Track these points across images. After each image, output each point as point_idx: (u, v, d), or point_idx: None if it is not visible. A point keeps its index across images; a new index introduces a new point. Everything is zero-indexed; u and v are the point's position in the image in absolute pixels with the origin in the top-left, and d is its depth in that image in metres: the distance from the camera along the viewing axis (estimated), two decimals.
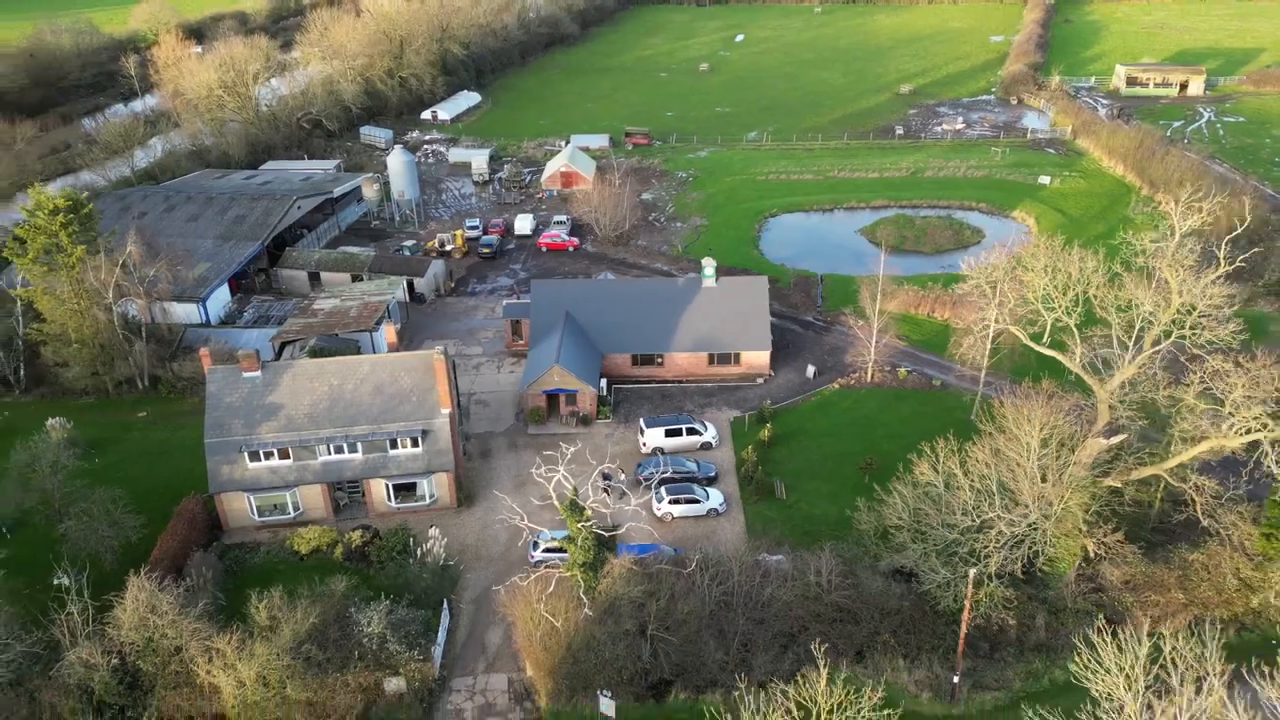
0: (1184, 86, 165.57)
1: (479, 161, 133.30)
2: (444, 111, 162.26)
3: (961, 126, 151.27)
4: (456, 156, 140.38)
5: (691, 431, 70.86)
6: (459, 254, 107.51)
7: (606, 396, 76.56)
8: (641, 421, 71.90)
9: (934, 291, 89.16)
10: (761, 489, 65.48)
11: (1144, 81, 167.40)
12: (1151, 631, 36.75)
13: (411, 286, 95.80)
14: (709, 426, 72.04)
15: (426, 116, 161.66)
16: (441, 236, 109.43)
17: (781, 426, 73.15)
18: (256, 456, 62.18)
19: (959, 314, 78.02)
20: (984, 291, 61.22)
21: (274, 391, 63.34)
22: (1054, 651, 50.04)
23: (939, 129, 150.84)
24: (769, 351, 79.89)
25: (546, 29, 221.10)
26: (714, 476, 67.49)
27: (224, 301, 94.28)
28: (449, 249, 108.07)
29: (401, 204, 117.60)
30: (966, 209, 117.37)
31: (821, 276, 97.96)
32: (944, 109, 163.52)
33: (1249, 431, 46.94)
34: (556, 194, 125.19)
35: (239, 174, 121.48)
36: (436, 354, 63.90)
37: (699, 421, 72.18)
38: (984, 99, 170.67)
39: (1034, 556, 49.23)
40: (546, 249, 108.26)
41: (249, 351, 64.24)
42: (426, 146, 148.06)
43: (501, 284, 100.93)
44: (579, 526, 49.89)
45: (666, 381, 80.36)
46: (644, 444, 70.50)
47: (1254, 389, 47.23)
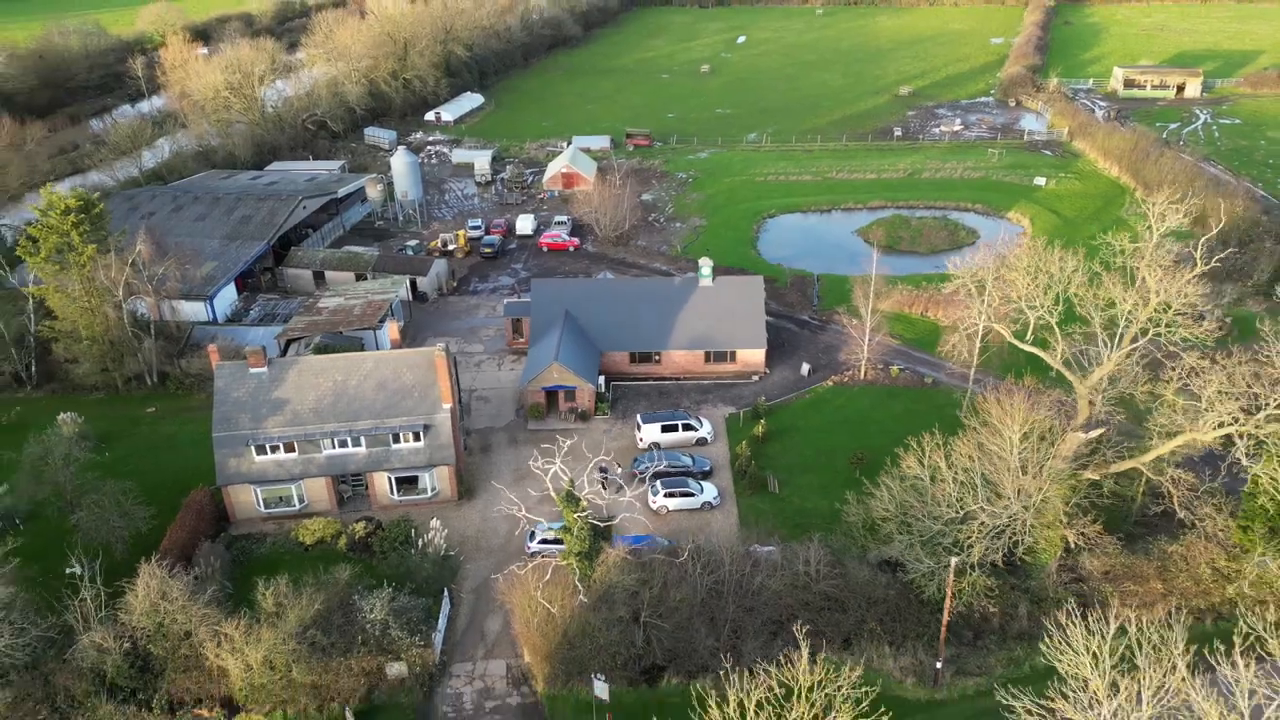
0: (1181, 89, 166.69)
1: (481, 162, 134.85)
2: (447, 113, 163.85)
3: (959, 128, 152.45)
4: (459, 157, 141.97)
5: (687, 427, 72.42)
6: (461, 253, 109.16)
7: (605, 393, 78.13)
8: (638, 417, 73.51)
9: (927, 291, 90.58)
10: (755, 483, 67.06)
11: (1141, 84, 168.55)
12: (1119, 615, 38.25)
13: (414, 285, 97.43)
14: (704, 422, 73.61)
15: (430, 118, 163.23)
16: (444, 236, 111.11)
17: (776, 423, 74.72)
18: (263, 450, 63.84)
19: (950, 313, 79.56)
20: (970, 291, 62.85)
21: (280, 387, 65.03)
22: (1035, 640, 51.02)
23: (937, 131, 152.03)
24: (764, 349, 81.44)
25: (549, 30, 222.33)
26: (709, 471, 69.06)
27: (231, 300, 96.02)
28: (451, 249, 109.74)
29: (405, 204, 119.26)
30: (962, 210, 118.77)
31: (817, 276, 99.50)
32: (943, 111, 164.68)
33: (1222, 426, 48.54)
34: (558, 194, 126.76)
35: (245, 174, 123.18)
36: (438, 351, 65.63)
37: (695, 418, 73.74)
38: (983, 101, 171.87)
39: (1014, 546, 50.82)
40: (547, 249, 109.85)
41: (256, 348, 65.91)
42: (430, 147, 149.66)
43: (503, 283, 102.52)
44: (575, 517, 51.50)
45: (664, 379, 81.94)
46: (641, 439, 72.06)
47: (1229, 385, 48.79)
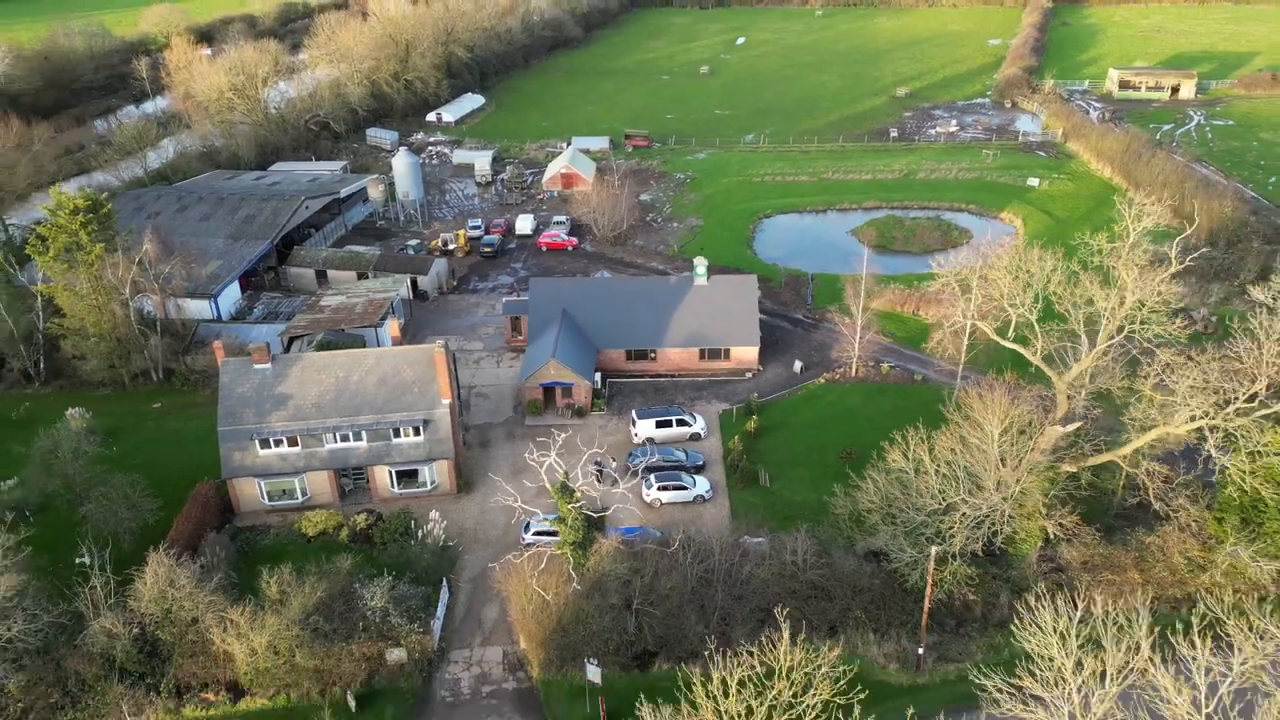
0: (1175, 90, 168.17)
1: (482, 163, 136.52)
2: (448, 114, 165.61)
3: (955, 129, 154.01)
4: (460, 158, 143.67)
5: (681, 423, 74.04)
6: (461, 253, 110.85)
7: (601, 390, 79.75)
8: (633, 413, 75.16)
9: (919, 291, 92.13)
10: (746, 477, 68.70)
11: (1136, 85, 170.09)
12: (1085, 597, 39.89)
13: (415, 284, 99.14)
14: (698, 418, 75.23)
15: (431, 118, 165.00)
16: (444, 236, 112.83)
17: (768, 419, 76.35)
18: (267, 444, 65.53)
19: (939, 311, 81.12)
20: (954, 290, 64.48)
21: (283, 383, 66.70)
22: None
23: (933, 132, 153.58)
24: (757, 347, 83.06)
25: (550, 32, 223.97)
26: (701, 465, 70.71)
27: (235, 298, 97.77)
28: (452, 248, 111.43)
29: (406, 204, 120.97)
30: (956, 210, 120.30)
31: (812, 276, 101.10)
32: (939, 112, 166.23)
33: (1194, 420, 50.13)
34: (557, 195, 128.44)
35: (248, 175, 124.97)
36: (437, 348, 67.29)
37: (688, 413, 75.35)
38: (979, 102, 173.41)
39: (993, 536, 52.42)
40: (546, 248, 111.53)
41: (260, 344, 67.59)
42: (431, 148, 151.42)
43: (502, 282, 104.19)
44: (569, 508, 53.15)
45: (659, 376, 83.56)
46: (635, 434, 73.69)
47: (1201, 381, 50.40)
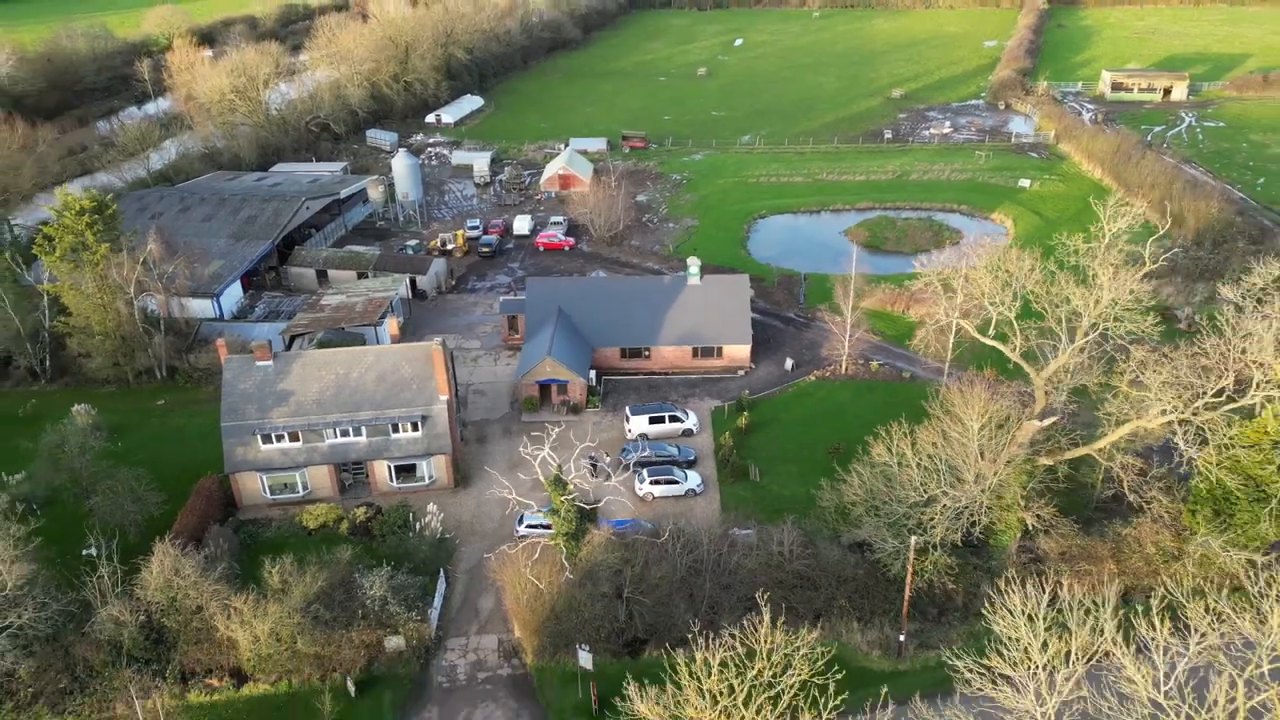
0: (1168, 92, 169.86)
1: (480, 164, 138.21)
2: (447, 115, 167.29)
3: (949, 131, 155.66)
4: (459, 159, 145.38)
5: (674, 419, 75.68)
6: (460, 253, 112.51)
7: (596, 387, 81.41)
8: (627, 409, 76.81)
9: (908, 290, 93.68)
10: (737, 472, 70.34)
11: (1129, 87, 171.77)
12: (1050, 581, 41.57)
13: (414, 283, 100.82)
14: (690, 414, 76.86)
15: (431, 120, 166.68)
16: (443, 236, 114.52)
17: (759, 415, 77.98)
18: (269, 439, 67.19)
19: (925, 310, 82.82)
20: (936, 289, 66.14)
21: (285, 379, 68.35)
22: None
23: (927, 133, 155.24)
24: (749, 345, 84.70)
25: (549, 33, 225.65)
26: (693, 460, 72.36)
27: (237, 297, 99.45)
28: (450, 248, 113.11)
29: (405, 205, 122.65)
30: (948, 211, 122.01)
31: (804, 275, 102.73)
32: (933, 113, 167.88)
33: (1165, 414, 51.76)
34: (555, 195, 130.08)
35: (250, 176, 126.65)
36: (435, 345, 68.87)
37: (681, 410, 77.02)
38: (973, 104, 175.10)
39: (971, 526, 54.08)
40: (543, 248, 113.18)
41: (262, 342, 69.28)
42: (430, 149, 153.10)
43: (500, 282, 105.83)
44: (562, 500, 54.81)
45: (653, 373, 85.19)
46: (629, 430, 75.32)
47: (1172, 376, 52.04)
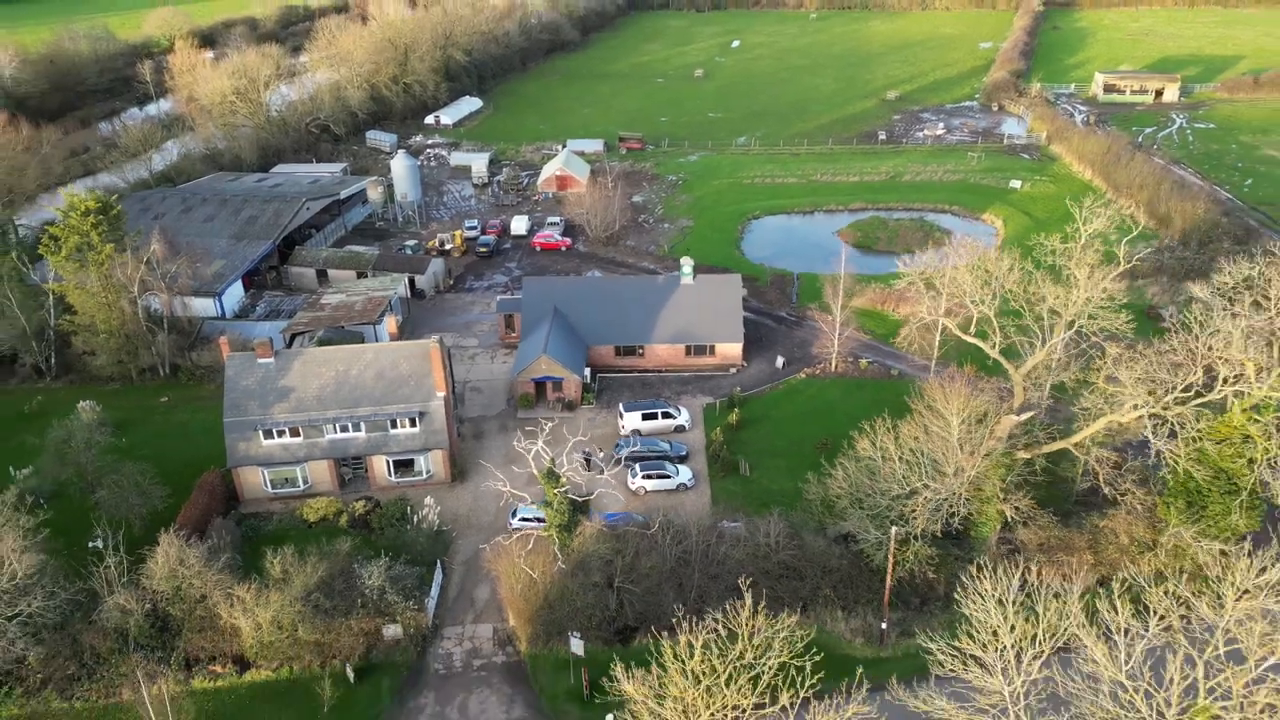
0: (1159, 93, 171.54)
1: (479, 165, 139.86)
2: (446, 116, 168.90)
3: (942, 132, 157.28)
4: (457, 160, 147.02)
5: (666, 415, 77.35)
6: (458, 253, 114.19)
7: (591, 384, 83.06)
8: (621, 406, 78.47)
9: (899, 290, 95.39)
10: (727, 466, 72.01)
11: (1121, 89, 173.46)
12: (1020, 567, 43.28)
13: (413, 283, 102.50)
14: (682, 411, 78.54)
15: (430, 121, 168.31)
16: (441, 236, 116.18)
17: (750, 412, 79.62)
18: (270, 434, 68.84)
19: (912, 309, 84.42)
20: (919, 288, 67.82)
21: (286, 376, 70.02)
22: None
23: (920, 134, 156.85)
24: (741, 344, 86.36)
25: (548, 35, 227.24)
26: (685, 455, 74.00)
27: (238, 296, 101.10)
28: (448, 248, 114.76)
29: (404, 206, 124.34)
30: (939, 212, 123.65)
31: (797, 275, 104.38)
32: (927, 115, 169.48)
33: (1137, 408, 53.43)
34: (552, 196, 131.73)
35: (251, 176, 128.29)
36: (432, 343, 70.55)
37: (673, 406, 78.70)
38: (967, 105, 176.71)
39: (951, 517, 55.73)
40: (540, 249, 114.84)
41: (264, 340, 70.94)
42: (429, 150, 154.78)
43: (497, 281, 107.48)
44: (555, 493, 56.46)
45: (647, 371, 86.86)
46: (623, 426, 76.99)
47: (1144, 372, 53.74)
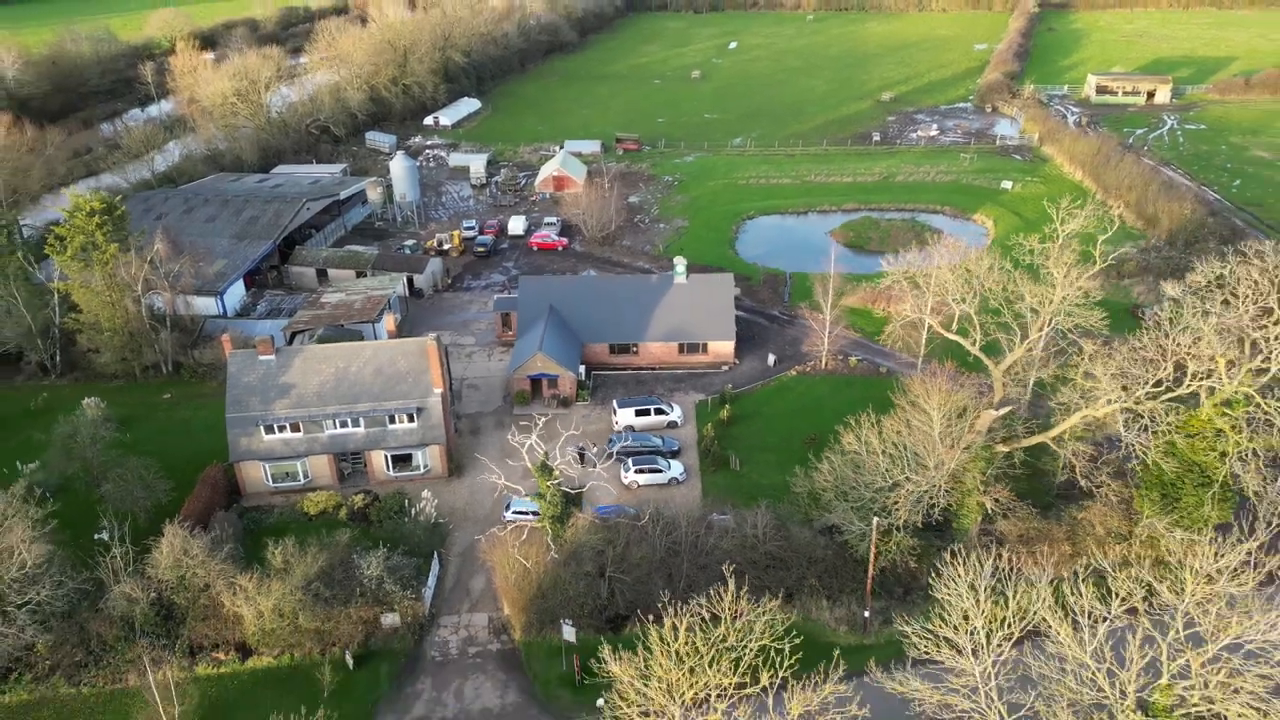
0: (1151, 95, 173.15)
1: (477, 166, 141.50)
2: (445, 117, 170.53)
3: (935, 133, 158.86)
4: (456, 161, 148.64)
5: (659, 412, 78.97)
6: (456, 253, 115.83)
7: (585, 381, 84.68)
8: (614, 403, 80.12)
9: (886, 288, 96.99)
10: (718, 461, 73.67)
11: (1113, 90, 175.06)
12: (994, 555, 44.97)
13: (411, 282, 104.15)
14: (675, 407, 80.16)
15: (429, 122, 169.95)
16: (440, 236, 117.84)
17: (741, 408, 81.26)
18: (271, 430, 70.50)
19: (899, 308, 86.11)
20: (902, 287, 69.52)
21: (286, 373, 71.69)
22: None
23: (914, 135, 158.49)
24: (733, 342, 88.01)
25: (546, 37, 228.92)
26: (677, 450, 75.65)
27: (240, 295, 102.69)
28: (446, 248, 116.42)
29: (403, 206, 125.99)
30: (931, 212, 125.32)
31: (789, 274, 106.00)
32: (921, 116, 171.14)
33: (1110, 403, 55.08)
34: (549, 197, 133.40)
35: (251, 177, 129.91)
36: (430, 340, 72.22)
37: (666, 403, 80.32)
38: (961, 106, 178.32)
39: (932, 508, 57.40)
40: (537, 248, 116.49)
41: (265, 337, 72.58)
42: (428, 151, 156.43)
43: (495, 280, 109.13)
44: (548, 485, 58.13)
45: (640, 368, 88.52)
46: (616, 423, 78.63)
47: (1118, 368, 55.41)
